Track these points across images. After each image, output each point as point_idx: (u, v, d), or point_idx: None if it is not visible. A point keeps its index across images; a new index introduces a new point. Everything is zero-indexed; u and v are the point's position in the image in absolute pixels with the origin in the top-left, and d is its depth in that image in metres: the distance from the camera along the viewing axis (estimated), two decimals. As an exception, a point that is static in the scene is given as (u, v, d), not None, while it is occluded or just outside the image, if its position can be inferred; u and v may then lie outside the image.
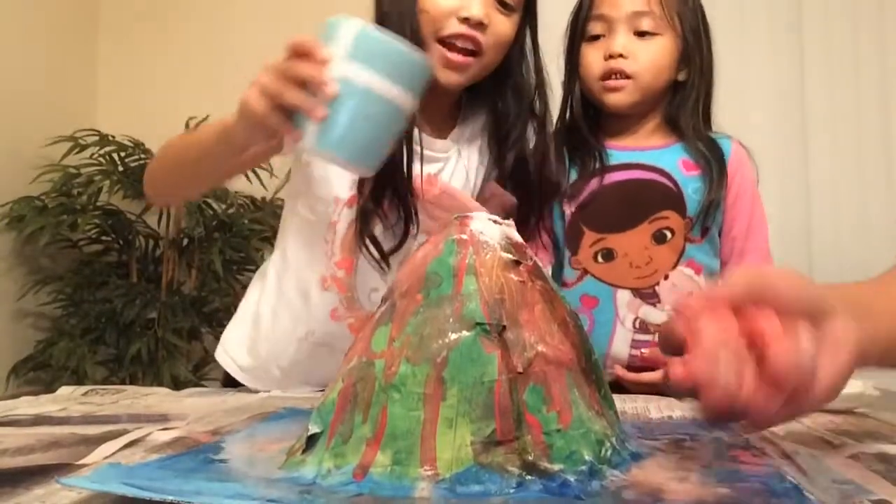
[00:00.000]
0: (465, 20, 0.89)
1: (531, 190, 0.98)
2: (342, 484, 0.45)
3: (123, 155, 2.16)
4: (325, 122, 0.69)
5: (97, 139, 2.16)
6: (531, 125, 1.00)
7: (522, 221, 0.97)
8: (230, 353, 1.06)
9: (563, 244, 1.07)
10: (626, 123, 1.09)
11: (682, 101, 1.08)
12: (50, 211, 2.07)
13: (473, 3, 0.89)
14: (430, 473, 0.45)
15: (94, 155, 2.17)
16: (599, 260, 1.05)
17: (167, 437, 0.61)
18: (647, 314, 1.03)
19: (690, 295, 0.52)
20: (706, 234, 1.05)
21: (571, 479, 0.46)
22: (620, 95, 1.06)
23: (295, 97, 0.69)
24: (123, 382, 2.03)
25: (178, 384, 1.94)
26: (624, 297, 1.04)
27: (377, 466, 0.46)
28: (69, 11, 2.42)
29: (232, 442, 0.59)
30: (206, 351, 2.17)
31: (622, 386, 1.02)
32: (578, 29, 1.09)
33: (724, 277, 0.52)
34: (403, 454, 0.46)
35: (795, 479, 0.47)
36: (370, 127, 0.70)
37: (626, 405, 0.78)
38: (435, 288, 0.51)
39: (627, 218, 1.04)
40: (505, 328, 0.49)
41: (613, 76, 1.05)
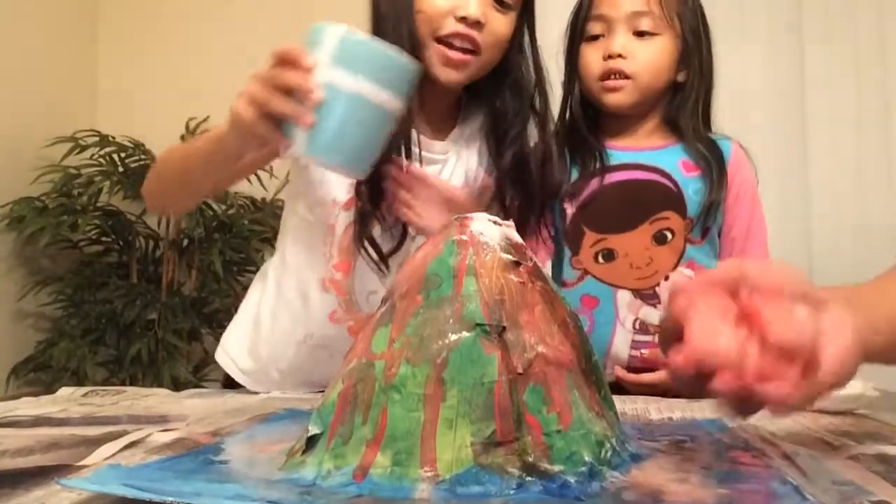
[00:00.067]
0: (462, 19, 0.89)
1: (532, 189, 0.98)
2: (342, 485, 0.45)
3: (124, 155, 2.16)
4: (313, 127, 0.69)
5: (97, 140, 2.16)
6: (532, 123, 1.00)
7: (522, 220, 0.97)
8: (230, 354, 1.06)
9: (563, 242, 1.07)
10: (625, 123, 1.09)
11: (681, 101, 1.08)
12: (50, 212, 2.07)
13: (470, 1, 0.89)
14: (430, 474, 0.45)
15: (94, 155, 2.17)
16: (600, 260, 1.05)
17: (167, 438, 0.61)
18: (647, 315, 1.03)
19: (686, 279, 0.52)
20: (706, 235, 1.05)
21: (571, 480, 0.46)
22: (619, 95, 1.06)
23: (281, 105, 0.70)
24: (123, 383, 2.03)
25: (178, 385, 1.94)
26: (624, 297, 1.04)
27: (377, 467, 0.46)
28: (69, 11, 2.42)
29: (232, 443, 0.59)
30: (206, 352, 2.17)
31: (622, 387, 1.02)
32: (578, 29, 1.09)
33: (718, 267, 0.52)
34: (403, 455, 0.46)
35: (795, 480, 0.47)
36: (358, 131, 0.71)
37: (626, 406, 0.78)
38: (435, 289, 0.51)
39: (628, 218, 1.04)
40: (505, 329, 0.49)
41: (612, 76, 1.05)
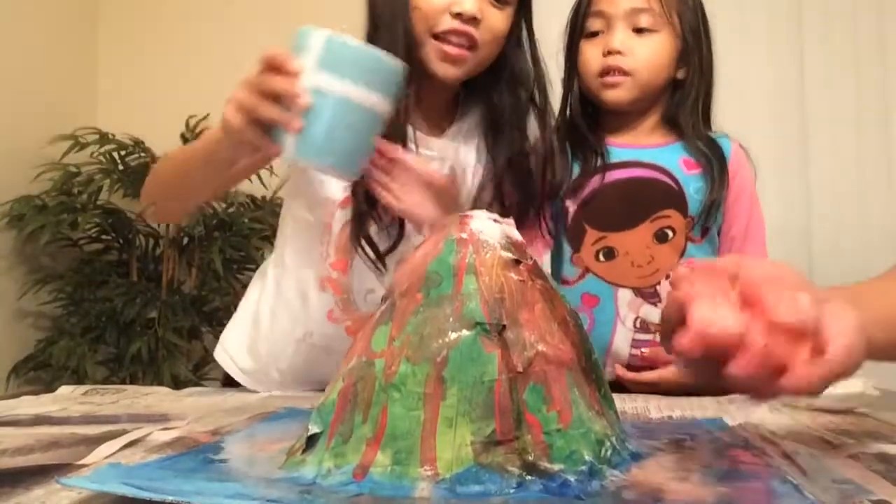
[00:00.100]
0: (457, 15, 0.89)
1: (532, 185, 0.98)
2: (342, 484, 0.45)
3: (124, 153, 2.17)
4: (302, 132, 0.70)
5: (97, 138, 2.16)
6: (532, 117, 0.99)
7: (521, 214, 0.97)
8: (230, 352, 1.06)
9: (564, 240, 1.07)
10: (625, 121, 1.09)
11: (681, 99, 1.07)
12: (50, 210, 2.07)
13: None
14: (430, 473, 0.45)
15: (94, 153, 2.17)
16: (601, 258, 1.05)
17: (167, 436, 0.61)
18: (648, 314, 1.03)
19: (686, 267, 0.53)
20: (706, 233, 1.05)
21: (571, 479, 0.46)
22: (618, 92, 1.05)
23: (269, 111, 0.70)
24: (124, 382, 2.03)
25: (178, 384, 1.94)
26: (625, 296, 1.04)
27: (377, 466, 0.46)
28: (69, 11, 2.42)
29: (232, 442, 0.59)
30: (206, 350, 2.17)
31: (622, 385, 1.02)
32: (577, 25, 1.09)
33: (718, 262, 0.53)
34: (403, 454, 0.46)
35: (795, 478, 0.47)
36: (347, 134, 0.71)
37: (626, 405, 0.78)
38: (435, 287, 0.51)
39: (629, 216, 1.04)
40: (505, 327, 0.49)
41: (611, 73, 1.05)
